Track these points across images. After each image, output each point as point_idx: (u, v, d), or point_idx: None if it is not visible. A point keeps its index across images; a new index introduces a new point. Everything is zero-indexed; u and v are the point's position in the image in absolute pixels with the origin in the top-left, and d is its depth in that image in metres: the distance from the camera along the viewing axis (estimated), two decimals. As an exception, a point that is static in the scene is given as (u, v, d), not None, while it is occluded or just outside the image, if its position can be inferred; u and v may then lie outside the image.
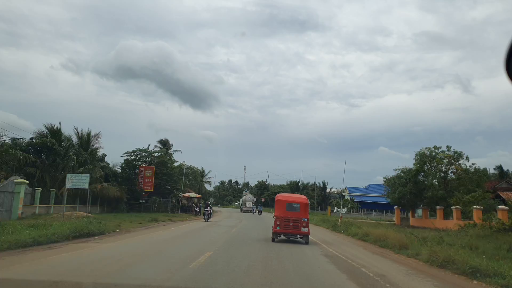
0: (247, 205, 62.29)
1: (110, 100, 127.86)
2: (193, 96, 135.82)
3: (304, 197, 18.57)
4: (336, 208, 65.16)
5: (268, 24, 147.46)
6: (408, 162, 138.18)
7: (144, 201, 40.74)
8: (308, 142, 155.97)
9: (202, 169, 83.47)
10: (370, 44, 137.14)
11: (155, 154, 45.46)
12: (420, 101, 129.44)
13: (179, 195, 46.32)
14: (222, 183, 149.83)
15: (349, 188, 76.34)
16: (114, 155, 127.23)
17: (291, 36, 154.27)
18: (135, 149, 43.92)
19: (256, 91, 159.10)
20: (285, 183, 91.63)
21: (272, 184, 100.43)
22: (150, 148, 46.02)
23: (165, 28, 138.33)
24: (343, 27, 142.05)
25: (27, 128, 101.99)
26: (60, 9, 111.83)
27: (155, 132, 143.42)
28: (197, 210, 44.70)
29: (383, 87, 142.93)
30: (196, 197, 49.27)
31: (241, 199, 74.50)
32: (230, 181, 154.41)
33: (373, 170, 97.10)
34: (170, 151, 68.83)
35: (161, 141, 68.48)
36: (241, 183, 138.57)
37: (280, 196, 17.56)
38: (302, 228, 15.88)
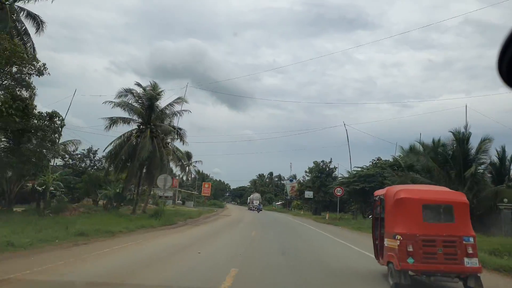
0: (254, 203, 67.40)
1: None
2: (235, 97, 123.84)
3: (451, 191, 8.27)
4: None
5: (315, 23, 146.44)
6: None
7: None
8: (357, 143, 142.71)
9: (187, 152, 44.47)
10: (424, 42, 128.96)
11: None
12: (480, 102, 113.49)
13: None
14: (261, 176, 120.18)
15: None
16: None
17: (339, 35, 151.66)
18: None
19: (303, 91, 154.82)
20: (391, 156, 37.61)
21: (341, 172, 56.55)
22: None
23: (213, 30, 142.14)
24: (394, 24, 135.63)
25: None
26: (115, 15, 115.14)
27: (197, 131, 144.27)
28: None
29: (438, 87, 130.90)
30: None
31: (249, 197, 79.26)
32: (271, 174, 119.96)
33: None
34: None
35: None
36: (286, 177, 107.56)
37: (404, 192, 7.47)
38: (465, 260, 6.47)
